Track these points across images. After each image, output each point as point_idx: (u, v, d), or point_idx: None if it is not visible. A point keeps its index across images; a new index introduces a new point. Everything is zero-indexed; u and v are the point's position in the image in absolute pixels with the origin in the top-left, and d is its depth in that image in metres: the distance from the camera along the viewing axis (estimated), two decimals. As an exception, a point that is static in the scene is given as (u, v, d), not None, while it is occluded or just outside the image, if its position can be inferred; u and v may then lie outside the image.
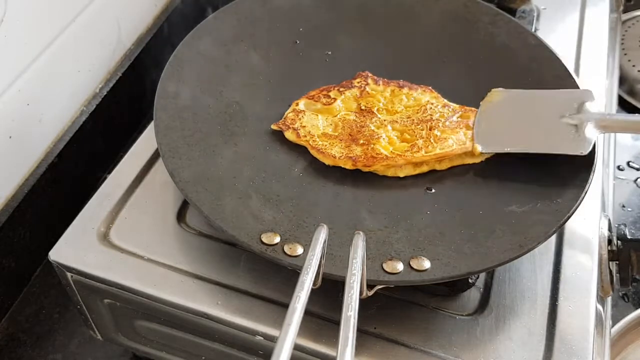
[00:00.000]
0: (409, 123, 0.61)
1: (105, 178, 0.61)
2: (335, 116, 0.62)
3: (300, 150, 0.59)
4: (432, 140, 0.59)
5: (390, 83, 0.65)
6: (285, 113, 0.62)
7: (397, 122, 0.61)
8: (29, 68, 0.66)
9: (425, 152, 0.58)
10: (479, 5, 0.71)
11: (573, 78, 0.62)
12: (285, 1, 0.70)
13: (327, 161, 0.58)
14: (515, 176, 0.57)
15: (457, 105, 0.63)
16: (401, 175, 0.58)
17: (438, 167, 0.59)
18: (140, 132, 0.65)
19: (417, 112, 0.62)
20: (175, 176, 0.53)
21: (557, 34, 0.80)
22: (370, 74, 0.66)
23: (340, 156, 0.58)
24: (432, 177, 0.58)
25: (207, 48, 0.65)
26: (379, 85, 0.65)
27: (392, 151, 0.58)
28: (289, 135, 0.60)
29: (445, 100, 0.64)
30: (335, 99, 0.63)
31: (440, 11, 0.71)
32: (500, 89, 0.63)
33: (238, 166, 0.57)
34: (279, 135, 0.60)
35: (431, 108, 0.62)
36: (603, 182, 0.64)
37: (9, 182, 0.67)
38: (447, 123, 0.61)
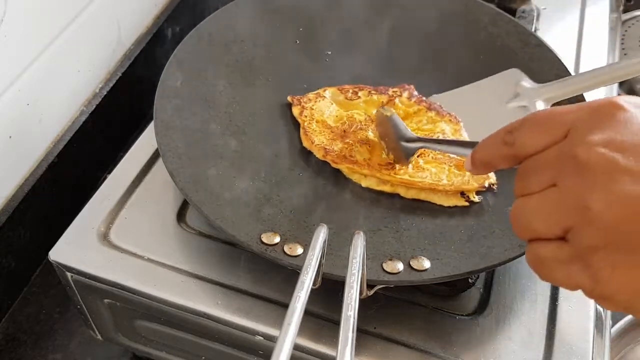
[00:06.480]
0: None
1: (105, 178, 0.61)
2: (347, 111, 0.62)
3: (301, 150, 0.59)
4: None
5: (422, 102, 0.62)
6: (309, 93, 0.62)
7: None
8: (29, 68, 0.66)
9: (394, 173, 0.55)
10: (479, 5, 0.71)
11: (573, 78, 0.62)
12: (285, 1, 0.70)
13: (305, 143, 0.59)
14: (515, 176, 0.56)
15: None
16: (363, 184, 0.56)
17: (402, 193, 0.55)
18: (140, 132, 0.65)
19: None
20: (175, 176, 0.53)
21: (557, 34, 0.80)
22: (413, 88, 0.63)
23: (319, 144, 0.58)
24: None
25: (207, 48, 0.65)
26: (411, 100, 0.62)
27: (367, 160, 0.57)
28: (295, 110, 0.61)
29: (463, 138, 0.58)
30: (360, 97, 0.62)
31: (440, 11, 0.71)
32: (434, 95, 0.63)
33: (238, 166, 0.57)
34: (279, 135, 0.60)
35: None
36: (603, 182, 0.64)
37: (9, 182, 0.67)
38: (438, 156, 0.56)
